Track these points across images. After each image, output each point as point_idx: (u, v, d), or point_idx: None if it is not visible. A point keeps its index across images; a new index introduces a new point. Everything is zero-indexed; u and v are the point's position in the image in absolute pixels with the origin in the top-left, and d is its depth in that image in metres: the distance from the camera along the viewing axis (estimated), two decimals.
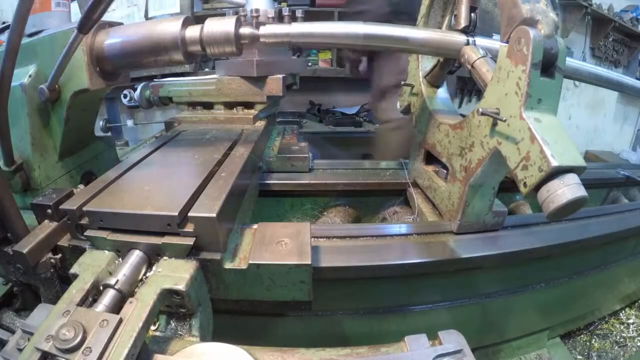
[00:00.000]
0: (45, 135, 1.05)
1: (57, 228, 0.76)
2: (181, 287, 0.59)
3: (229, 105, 1.35)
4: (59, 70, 0.92)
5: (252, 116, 1.28)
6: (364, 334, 1.03)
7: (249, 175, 0.87)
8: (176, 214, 0.62)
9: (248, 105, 1.34)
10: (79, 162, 1.18)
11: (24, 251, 0.70)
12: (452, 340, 0.56)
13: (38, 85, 0.97)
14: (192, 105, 1.40)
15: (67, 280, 0.66)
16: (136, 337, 0.49)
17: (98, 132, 1.34)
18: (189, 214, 0.63)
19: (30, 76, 0.99)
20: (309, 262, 0.69)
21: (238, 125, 1.24)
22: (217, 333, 0.70)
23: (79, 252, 0.70)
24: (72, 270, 0.62)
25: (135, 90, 1.58)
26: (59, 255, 0.76)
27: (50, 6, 1.05)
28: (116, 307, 0.55)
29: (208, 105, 1.38)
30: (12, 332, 0.81)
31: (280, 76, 1.30)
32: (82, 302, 0.56)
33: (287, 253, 0.71)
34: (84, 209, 0.66)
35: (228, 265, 0.70)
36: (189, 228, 0.63)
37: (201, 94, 1.36)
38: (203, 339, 0.63)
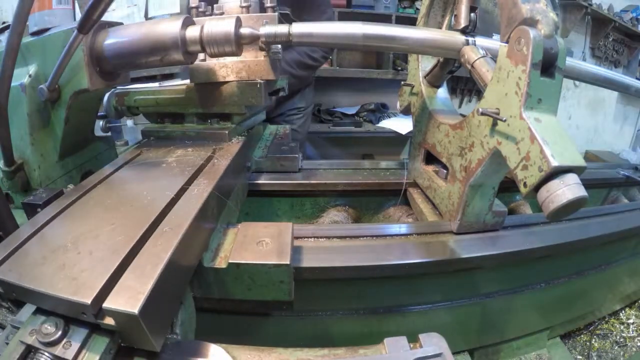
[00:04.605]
0: (45, 135, 1.05)
1: None
2: None
3: (203, 117, 1.16)
4: (59, 70, 0.92)
5: (227, 131, 1.07)
6: (364, 335, 1.03)
7: (209, 218, 0.74)
8: (89, 302, 0.46)
9: (224, 117, 1.15)
10: (79, 162, 1.18)
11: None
12: (433, 343, 0.56)
13: (38, 85, 0.97)
14: (161, 116, 1.20)
15: None
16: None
17: (98, 132, 1.34)
18: (103, 305, 0.47)
19: (30, 76, 0.99)
20: (288, 262, 0.68)
21: (210, 144, 1.03)
22: (203, 332, 0.69)
23: None
24: None
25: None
26: None
27: (51, 4, 1.04)
28: None
29: (178, 117, 1.18)
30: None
31: (260, 81, 1.08)
32: None
33: (267, 253, 0.70)
34: None
35: (208, 264, 0.69)
36: (110, 321, 0.48)
37: (169, 103, 1.15)
38: (185, 337, 0.62)
